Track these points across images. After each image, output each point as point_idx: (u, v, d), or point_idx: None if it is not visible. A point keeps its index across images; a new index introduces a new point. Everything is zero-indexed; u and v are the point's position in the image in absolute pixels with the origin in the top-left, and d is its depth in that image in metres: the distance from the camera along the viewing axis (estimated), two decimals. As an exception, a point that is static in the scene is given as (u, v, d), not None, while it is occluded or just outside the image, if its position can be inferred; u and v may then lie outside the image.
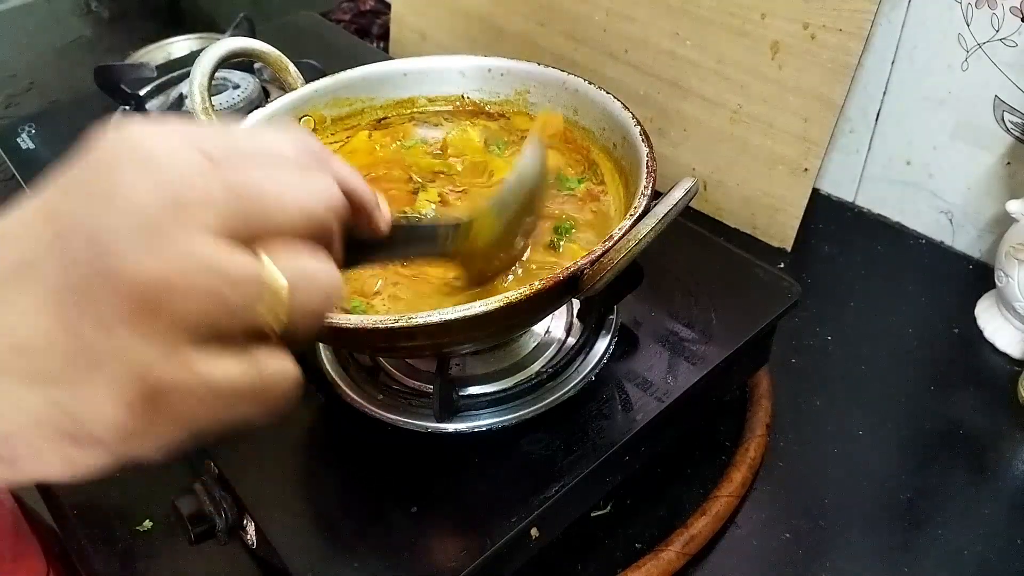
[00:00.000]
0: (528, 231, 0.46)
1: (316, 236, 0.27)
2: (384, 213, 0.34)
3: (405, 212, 0.54)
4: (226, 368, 0.25)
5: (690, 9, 0.79)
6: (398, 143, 0.61)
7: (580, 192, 0.55)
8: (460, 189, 0.56)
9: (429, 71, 0.62)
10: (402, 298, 0.48)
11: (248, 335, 0.25)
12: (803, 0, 0.71)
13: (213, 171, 0.24)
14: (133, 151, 0.24)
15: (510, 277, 0.47)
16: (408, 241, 0.38)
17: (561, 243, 0.51)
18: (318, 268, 0.27)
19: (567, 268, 0.42)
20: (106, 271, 0.23)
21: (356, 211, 0.31)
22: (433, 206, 0.54)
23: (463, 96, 0.62)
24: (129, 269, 0.22)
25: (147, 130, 0.25)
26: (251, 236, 0.25)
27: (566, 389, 0.52)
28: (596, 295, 0.44)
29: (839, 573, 0.54)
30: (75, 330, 0.23)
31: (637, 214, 0.44)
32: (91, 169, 0.25)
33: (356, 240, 0.32)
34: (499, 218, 0.42)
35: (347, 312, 0.47)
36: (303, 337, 0.27)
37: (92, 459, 0.25)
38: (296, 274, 0.26)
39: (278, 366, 0.26)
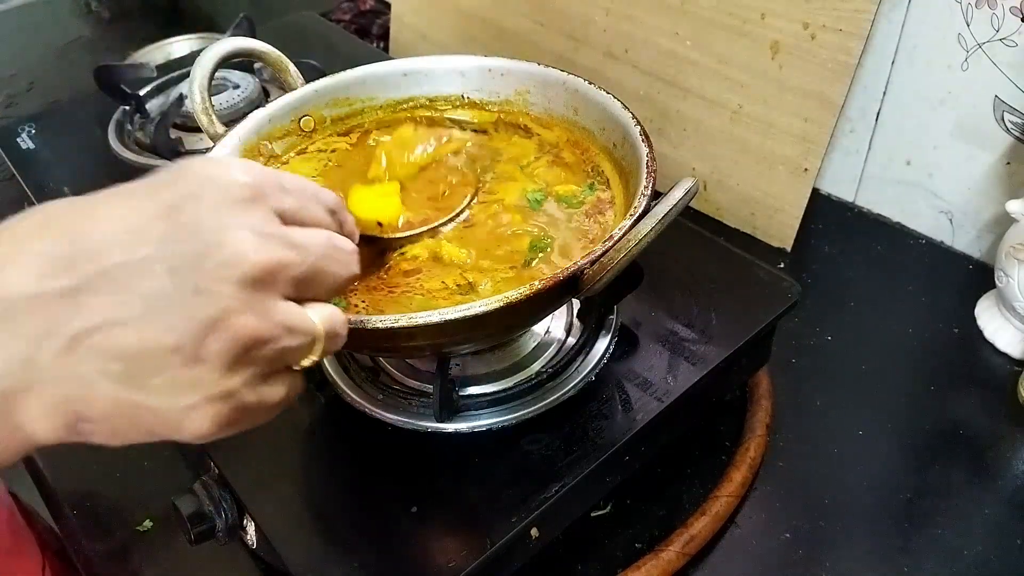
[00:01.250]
0: None
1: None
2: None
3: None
4: (276, 392, 0.33)
5: (690, 9, 0.79)
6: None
7: (589, 204, 0.53)
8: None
9: (429, 71, 0.62)
10: (378, 296, 0.48)
11: (287, 367, 0.34)
12: (803, 0, 0.71)
13: (295, 254, 0.32)
14: (228, 225, 0.31)
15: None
16: None
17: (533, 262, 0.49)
18: (341, 320, 0.35)
19: (567, 268, 0.42)
20: (212, 322, 0.29)
21: None
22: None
23: (463, 96, 0.62)
24: (238, 327, 0.30)
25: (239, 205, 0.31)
26: (306, 298, 0.33)
27: (566, 389, 0.52)
28: (596, 295, 0.44)
29: (839, 573, 0.54)
30: (184, 359, 0.29)
31: (637, 214, 0.44)
32: (189, 218, 0.30)
33: None
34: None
35: None
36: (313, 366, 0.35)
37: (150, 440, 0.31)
38: (328, 325, 0.34)
39: (301, 387, 0.35)
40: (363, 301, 0.48)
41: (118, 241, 0.29)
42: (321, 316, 0.33)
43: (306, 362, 0.34)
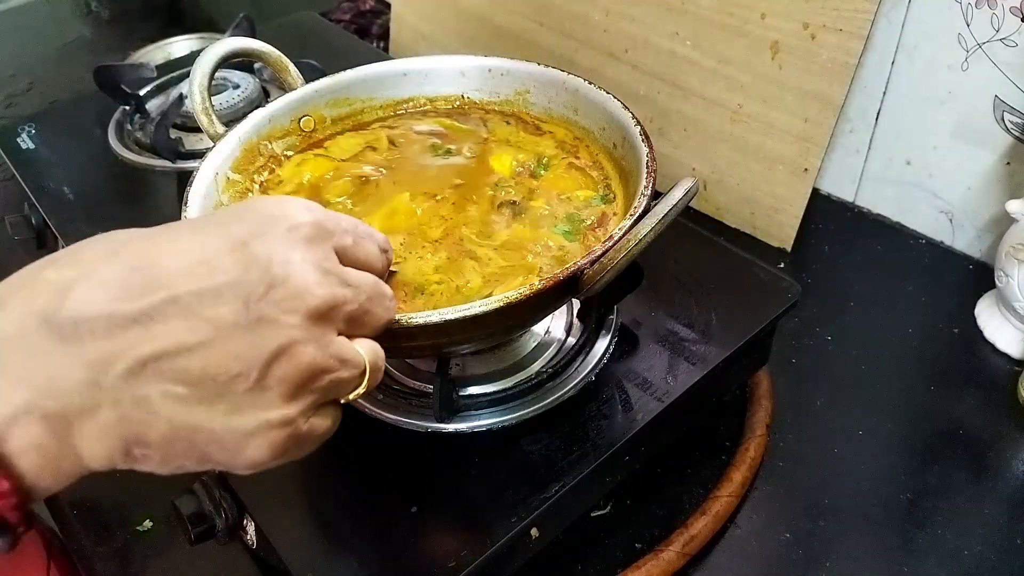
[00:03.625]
0: None
1: None
2: None
3: None
4: (324, 423, 0.35)
5: (690, 9, 0.79)
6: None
7: (595, 217, 0.52)
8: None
9: (429, 71, 0.62)
10: None
11: (335, 399, 0.35)
12: (803, 0, 0.71)
13: (350, 292, 0.34)
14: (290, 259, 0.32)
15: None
16: None
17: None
18: (382, 356, 0.36)
19: (567, 268, 0.42)
20: (278, 351, 0.31)
21: None
22: None
23: (463, 96, 0.62)
24: (301, 356, 0.31)
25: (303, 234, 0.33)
26: (354, 335, 0.35)
27: (566, 389, 0.52)
28: (596, 295, 0.44)
29: (839, 573, 0.54)
30: (249, 385, 0.31)
31: (637, 214, 0.44)
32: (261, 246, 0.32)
33: None
34: None
35: None
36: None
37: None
38: (372, 360, 0.35)
39: (339, 420, 0.36)
40: None
41: (189, 271, 0.30)
42: (367, 351, 0.35)
43: (352, 395, 0.35)
